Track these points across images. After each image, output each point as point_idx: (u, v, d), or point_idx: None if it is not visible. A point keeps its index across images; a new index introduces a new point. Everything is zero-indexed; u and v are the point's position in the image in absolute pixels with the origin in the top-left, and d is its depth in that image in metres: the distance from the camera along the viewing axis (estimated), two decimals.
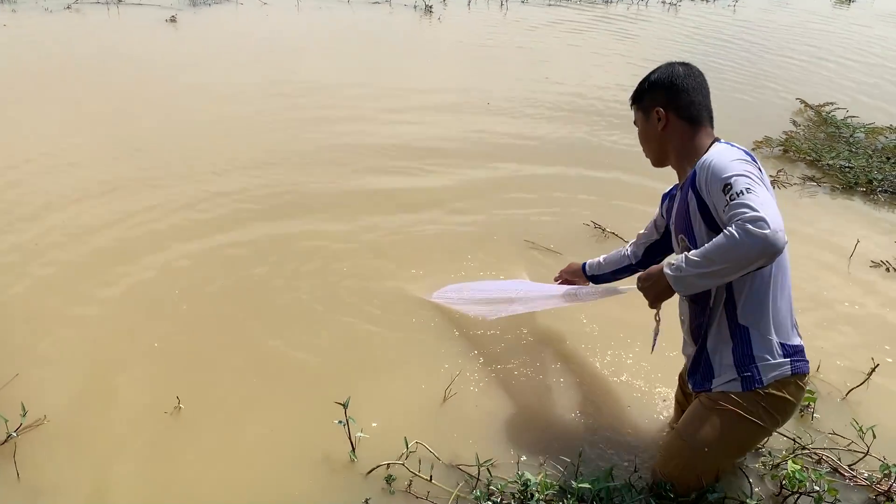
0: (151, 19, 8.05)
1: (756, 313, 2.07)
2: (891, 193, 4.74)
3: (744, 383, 2.08)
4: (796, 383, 2.10)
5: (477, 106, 5.92)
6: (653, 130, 2.25)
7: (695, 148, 2.17)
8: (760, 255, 1.79)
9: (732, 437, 2.11)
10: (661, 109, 2.21)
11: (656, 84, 2.24)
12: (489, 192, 4.42)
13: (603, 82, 6.80)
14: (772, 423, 2.12)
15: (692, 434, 2.13)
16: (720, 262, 1.85)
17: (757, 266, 1.84)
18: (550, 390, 2.75)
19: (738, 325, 2.09)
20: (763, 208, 1.79)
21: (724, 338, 2.12)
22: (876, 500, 2.30)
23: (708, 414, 2.12)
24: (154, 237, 3.65)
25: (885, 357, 2.96)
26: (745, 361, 2.08)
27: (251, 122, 5.25)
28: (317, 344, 2.95)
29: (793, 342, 2.11)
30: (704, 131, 2.20)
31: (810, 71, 7.93)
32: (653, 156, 2.32)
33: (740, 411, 2.07)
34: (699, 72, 2.24)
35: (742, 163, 1.95)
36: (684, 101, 2.19)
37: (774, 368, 2.07)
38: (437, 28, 8.82)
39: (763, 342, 2.07)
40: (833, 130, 5.87)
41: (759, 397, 2.08)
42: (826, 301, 3.45)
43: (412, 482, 2.26)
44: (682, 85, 2.19)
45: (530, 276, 3.35)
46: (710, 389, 2.15)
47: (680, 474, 2.15)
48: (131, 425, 2.47)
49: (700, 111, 2.19)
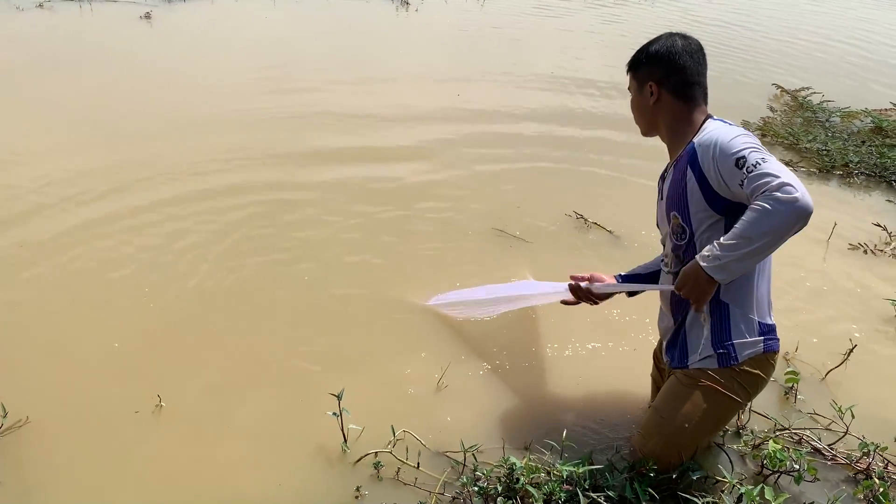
0: (125, 16, 7.95)
1: (739, 292, 2.09)
2: (867, 176, 4.80)
3: (720, 360, 2.12)
4: (767, 360, 2.15)
5: (450, 97, 5.91)
6: (644, 103, 2.23)
7: (688, 126, 2.16)
8: (798, 220, 1.79)
9: (711, 413, 2.14)
10: (655, 85, 2.18)
11: (653, 58, 2.18)
12: (466, 181, 4.43)
13: (582, 72, 6.81)
14: (745, 397, 2.18)
15: (671, 411, 2.18)
16: (759, 237, 1.82)
17: (795, 231, 1.83)
18: (534, 379, 2.78)
19: (719, 301, 2.11)
20: (784, 174, 1.80)
21: (704, 316, 2.14)
22: (855, 477, 2.34)
23: (686, 391, 2.17)
24: (130, 234, 3.61)
25: (862, 337, 3.01)
26: (722, 338, 2.12)
27: (230, 119, 5.20)
28: (305, 336, 2.95)
29: (768, 322, 2.15)
30: (698, 109, 2.17)
31: (786, 54, 7.98)
32: (643, 126, 2.31)
33: (719, 388, 2.11)
34: (698, 46, 2.19)
35: (746, 136, 1.96)
36: (679, 80, 2.15)
37: (749, 346, 2.11)
38: (413, 18, 8.78)
39: (742, 320, 2.11)
40: (810, 115, 5.92)
41: (734, 373, 2.12)
42: (804, 283, 3.50)
43: (400, 469, 2.29)
44: (678, 63, 2.14)
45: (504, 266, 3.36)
46: (686, 366, 2.19)
47: (661, 451, 2.18)
48: (114, 424, 2.45)
49: (695, 90, 2.16)
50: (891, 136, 5.43)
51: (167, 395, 2.54)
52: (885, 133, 5.50)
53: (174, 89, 5.77)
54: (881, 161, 4.91)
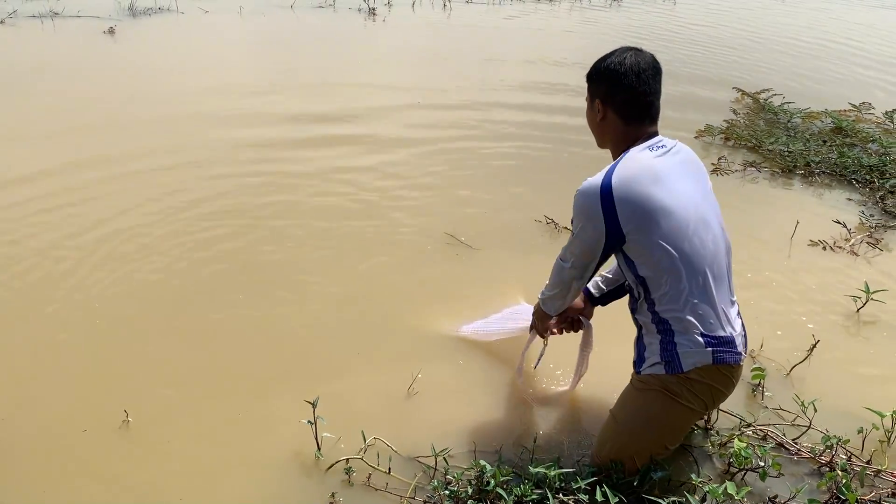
0: (89, 31, 7.88)
1: (673, 309, 2.11)
2: (828, 175, 4.89)
3: (667, 367, 2.14)
4: (719, 372, 2.13)
5: (412, 102, 5.95)
6: (593, 118, 2.27)
7: (625, 147, 2.19)
8: (569, 287, 2.31)
9: (663, 418, 2.17)
10: (600, 102, 2.20)
11: (603, 74, 2.18)
12: (434, 186, 4.44)
13: (545, 80, 6.87)
14: (699, 405, 2.17)
15: (625, 415, 2.22)
16: (555, 286, 2.36)
17: (572, 297, 2.37)
18: (505, 384, 2.79)
19: (659, 317, 2.15)
20: (570, 256, 2.24)
21: (651, 328, 2.19)
22: (819, 470, 2.38)
23: (637, 394, 2.21)
24: (93, 245, 3.58)
25: (825, 333, 3.05)
26: (668, 348, 2.14)
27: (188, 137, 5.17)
28: (273, 345, 2.95)
29: (718, 334, 2.11)
30: (638, 129, 2.18)
31: (748, 59, 8.12)
32: (595, 138, 2.34)
33: (665, 391, 2.14)
34: (648, 64, 2.15)
35: (586, 221, 2.12)
36: (623, 99, 2.15)
37: (694, 356, 2.11)
38: (381, 29, 8.81)
39: (684, 333, 2.11)
40: (771, 117, 6.02)
41: (682, 381, 2.13)
42: (768, 281, 3.55)
43: (371, 475, 2.30)
44: (623, 82, 2.13)
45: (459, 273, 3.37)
46: (639, 372, 2.23)
47: (615, 457, 2.20)
48: (79, 440, 2.42)
49: (640, 111, 2.16)
50: (850, 136, 5.53)
51: (134, 408, 2.51)
52: (844, 133, 5.61)
53: (131, 104, 5.73)
54: (841, 160, 5.00)
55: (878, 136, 5.54)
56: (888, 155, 5.08)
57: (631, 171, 2.08)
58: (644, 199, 2.04)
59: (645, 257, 2.09)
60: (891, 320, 3.28)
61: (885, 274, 3.68)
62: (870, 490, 2.29)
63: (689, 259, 2.07)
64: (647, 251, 2.07)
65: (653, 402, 2.17)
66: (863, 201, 4.55)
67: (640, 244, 2.07)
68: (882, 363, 3.02)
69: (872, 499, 2.23)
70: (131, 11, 8.79)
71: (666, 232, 2.04)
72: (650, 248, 2.06)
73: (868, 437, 2.46)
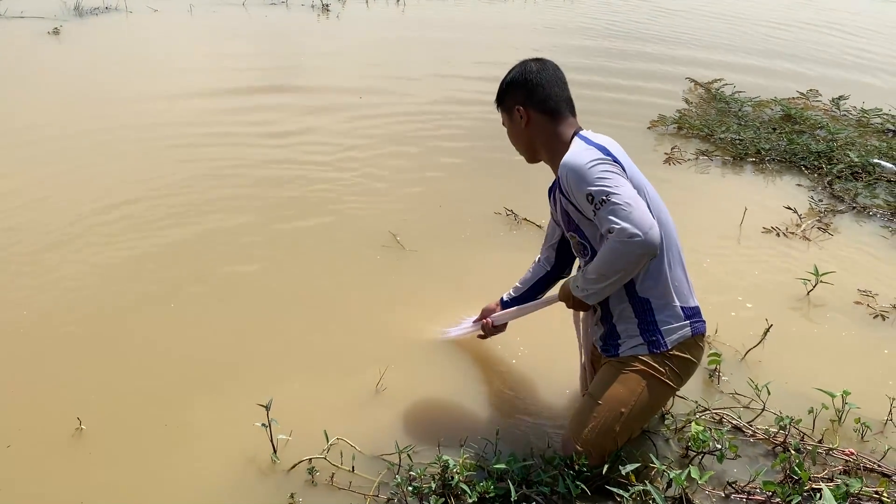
0: (32, 32, 7.67)
1: (654, 285, 2.18)
2: (778, 162, 4.99)
3: (650, 346, 2.19)
4: (696, 343, 2.25)
5: (354, 99, 5.94)
6: (518, 128, 2.31)
7: (559, 143, 2.23)
8: (643, 258, 2.01)
9: (645, 398, 2.20)
10: (521, 107, 2.26)
11: (513, 83, 2.28)
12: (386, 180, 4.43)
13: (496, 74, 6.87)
14: (677, 382, 2.24)
15: (607, 396, 2.21)
16: (613, 273, 2.06)
17: (646, 262, 2.06)
18: (470, 381, 2.79)
19: (638, 298, 2.20)
20: (628, 215, 1.96)
21: (628, 312, 2.22)
22: (774, 451, 2.43)
23: (622, 376, 2.22)
24: (41, 247, 3.51)
25: (778, 316, 3.11)
26: (650, 328, 2.20)
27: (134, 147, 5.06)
28: (233, 343, 2.92)
29: (691, 304, 2.24)
30: (566, 122, 2.25)
31: (700, 49, 8.24)
32: (525, 153, 2.38)
33: (652, 371, 2.18)
34: (553, 65, 2.30)
35: (598, 165, 2.04)
36: (541, 96, 2.24)
37: (676, 331, 2.20)
38: (333, 25, 8.73)
39: (665, 308, 2.19)
40: (723, 106, 6.13)
41: (665, 358, 2.19)
42: (720, 268, 3.61)
43: (335, 474, 2.28)
44: (536, 80, 2.24)
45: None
46: (618, 354, 2.25)
47: (596, 438, 2.19)
48: (30, 453, 2.35)
49: (559, 103, 2.25)
50: (799, 123, 5.66)
51: (86, 416, 2.46)
52: (793, 120, 5.73)
53: (68, 106, 5.60)
54: (790, 147, 5.11)
55: (826, 122, 5.67)
56: (835, 141, 5.21)
57: (599, 138, 2.18)
58: (627, 158, 2.15)
59: None
60: (839, 303, 3.36)
61: (835, 257, 3.77)
62: (822, 468, 2.34)
63: (664, 228, 2.13)
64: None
65: (635, 383, 2.19)
66: (812, 187, 4.66)
67: None
68: (831, 344, 3.10)
69: (825, 476, 2.29)
70: (77, 11, 8.57)
71: (649, 196, 2.13)
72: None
73: (819, 417, 2.52)
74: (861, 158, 4.88)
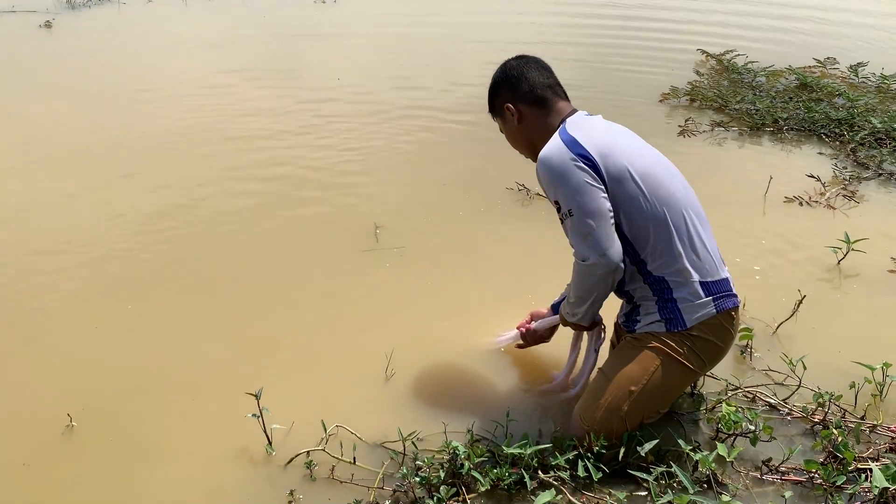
0: (24, 25, 7.50)
1: (668, 264, 2.05)
2: (797, 131, 4.78)
3: (668, 325, 2.06)
4: (721, 324, 2.08)
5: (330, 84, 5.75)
6: (513, 128, 2.24)
7: (550, 133, 2.13)
8: (607, 277, 2.02)
9: (659, 378, 2.05)
10: (511, 105, 2.21)
11: (497, 84, 2.26)
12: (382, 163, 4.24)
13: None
14: (698, 365, 2.08)
15: (617, 372, 2.09)
16: (588, 294, 2.10)
17: (615, 278, 2.03)
18: (476, 364, 2.62)
19: (653, 277, 2.07)
20: (585, 236, 1.97)
21: (645, 291, 2.10)
22: (812, 429, 2.25)
23: (634, 352, 2.09)
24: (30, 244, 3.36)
25: (809, 287, 2.91)
26: (668, 306, 2.07)
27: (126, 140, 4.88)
28: (227, 334, 2.79)
29: (716, 278, 2.08)
30: (555, 109, 2.19)
31: (710, 20, 7.99)
32: (526, 152, 2.30)
33: (664, 349, 2.05)
34: (534, 57, 2.27)
35: (567, 171, 1.98)
36: (526, 87, 2.19)
37: (697, 310, 2.05)
38: (331, 10, 8.53)
39: (684, 286, 2.05)
40: (736, 76, 5.91)
41: (684, 338, 2.05)
42: (746, 239, 3.42)
43: (335, 467, 2.12)
44: (517, 73, 2.21)
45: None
46: (635, 330, 2.13)
47: (602, 416, 2.06)
48: (21, 449, 2.22)
49: (544, 90, 2.20)
50: (816, 91, 5.44)
51: (77, 412, 2.32)
52: (810, 89, 5.51)
53: (58, 100, 5.43)
54: (809, 116, 4.90)
55: (844, 90, 5.44)
56: (855, 108, 4.99)
57: (580, 125, 2.10)
58: (608, 143, 2.05)
59: (626, 208, 2.02)
60: (871, 272, 3.17)
61: (864, 225, 3.55)
62: (866, 447, 2.16)
63: (668, 202, 2.04)
64: (627, 201, 2.01)
65: (650, 360, 2.06)
66: (834, 154, 4.45)
67: (617, 196, 2.02)
68: (867, 316, 2.91)
69: (870, 455, 2.10)
70: (70, 4, 8.39)
71: (640, 175, 2.03)
72: (629, 198, 2.01)
73: (860, 392, 2.34)
74: (884, 124, 4.66)
